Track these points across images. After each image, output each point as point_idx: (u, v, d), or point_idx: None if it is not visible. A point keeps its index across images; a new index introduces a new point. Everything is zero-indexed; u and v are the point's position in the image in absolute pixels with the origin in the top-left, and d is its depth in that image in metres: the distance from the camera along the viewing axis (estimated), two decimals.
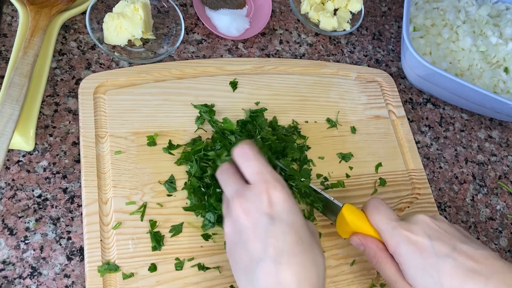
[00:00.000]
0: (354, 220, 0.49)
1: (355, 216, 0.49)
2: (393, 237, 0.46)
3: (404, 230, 0.45)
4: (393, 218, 0.47)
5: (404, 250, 0.45)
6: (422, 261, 0.44)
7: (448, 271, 0.43)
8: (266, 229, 0.40)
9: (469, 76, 0.75)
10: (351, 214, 0.50)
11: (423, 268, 0.44)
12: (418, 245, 0.44)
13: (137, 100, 0.57)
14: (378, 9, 0.84)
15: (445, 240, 0.45)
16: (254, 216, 0.41)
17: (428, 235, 0.45)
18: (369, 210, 0.48)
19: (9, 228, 0.48)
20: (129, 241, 0.49)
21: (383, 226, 0.47)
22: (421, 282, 0.44)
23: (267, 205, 0.41)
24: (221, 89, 0.61)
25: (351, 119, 0.66)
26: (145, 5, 0.60)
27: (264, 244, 0.39)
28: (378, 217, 0.47)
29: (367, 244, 0.48)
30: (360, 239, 0.49)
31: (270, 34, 0.72)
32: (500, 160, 0.75)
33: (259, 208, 0.41)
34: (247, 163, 0.44)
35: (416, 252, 0.44)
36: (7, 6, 0.60)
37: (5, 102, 0.49)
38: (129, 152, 0.54)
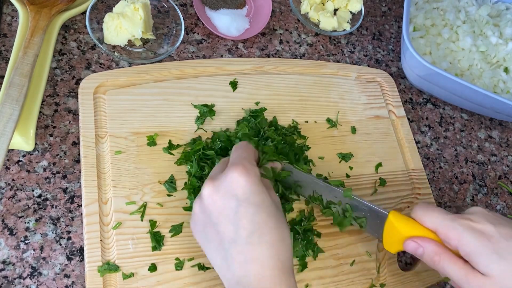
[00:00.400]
0: (405, 225, 0.47)
1: (405, 221, 0.47)
2: (455, 229, 0.44)
3: (465, 220, 0.44)
4: (448, 213, 0.46)
5: (470, 239, 0.43)
6: (492, 246, 0.42)
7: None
8: (235, 211, 0.42)
9: (469, 76, 0.75)
10: (399, 219, 0.47)
11: (496, 253, 0.42)
12: (483, 232, 0.43)
13: (137, 100, 0.57)
14: (378, 9, 0.84)
15: (508, 224, 0.44)
16: (221, 197, 0.42)
17: (490, 221, 0.44)
18: (420, 213, 0.47)
19: (9, 228, 0.48)
20: (129, 241, 0.49)
21: (441, 222, 0.45)
22: (497, 267, 0.42)
23: (236, 186, 0.42)
24: (221, 89, 0.61)
25: (351, 119, 0.66)
26: (145, 5, 0.60)
27: (234, 226, 0.41)
28: (433, 215, 0.46)
29: (426, 245, 0.45)
30: (417, 241, 0.46)
31: (270, 34, 0.72)
32: (500, 160, 0.75)
33: (227, 190, 0.42)
34: (235, 150, 0.47)
35: (483, 239, 0.43)
36: (7, 6, 0.60)
37: (5, 102, 0.49)
38: (129, 152, 0.54)
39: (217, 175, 0.44)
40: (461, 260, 0.44)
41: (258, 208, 0.42)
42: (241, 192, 0.42)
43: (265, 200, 0.43)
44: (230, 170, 0.43)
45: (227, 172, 0.43)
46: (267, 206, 0.42)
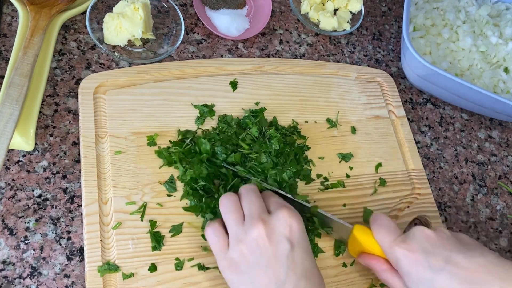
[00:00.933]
0: (365, 239, 0.51)
1: (366, 235, 0.51)
2: (392, 254, 0.48)
3: (401, 247, 0.47)
4: (392, 234, 0.49)
5: (403, 266, 0.47)
6: (418, 276, 0.46)
7: (443, 284, 0.44)
8: (287, 254, 0.44)
9: (469, 76, 0.75)
10: (361, 234, 0.51)
11: (420, 282, 0.45)
12: (414, 260, 0.46)
13: (137, 100, 0.57)
14: (378, 9, 0.84)
15: (441, 253, 0.46)
16: (276, 239, 0.44)
17: (424, 248, 0.46)
18: (373, 227, 0.50)
19: (9, 228, 0.48)
20: (129, 241, 0.49)
21: (384, 243, 0.49)
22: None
23: (289, 231, 0.45)
24: (221, 89, 0.61)
25: (351, 119, 0.66)
26: (145, 5, 0.60)
27: (285, 268, 0.43)
28: (380, 234, 0.49)
29: (372, 265, 0.51)
30: (365, 260, 0.51)
31: (270, 34, 0.72)
32: (500, 160, 0.75)
33: (281, 232, 0.44)
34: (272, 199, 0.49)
35: (413, 267, 0.46)
36: (7, 6, 0.60)
37: (5, 102, 0.49)
38: (129, 152, 0.54)
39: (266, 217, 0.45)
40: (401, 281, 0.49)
41: (306, 253, 0.45)
42: (293, 236, 0.45)
43: (309, 246, 0.46)
44: (280, 212, 0.45)
45: (277, 214, 0.45)
46: (310, 252, 0.46)
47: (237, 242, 0.45)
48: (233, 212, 0.47)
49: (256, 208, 0.46)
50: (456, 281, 0.44)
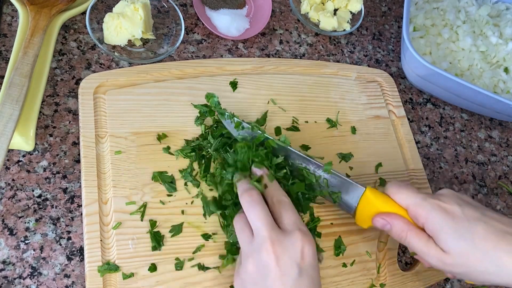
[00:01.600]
0: (380, 200, 0.49)
1: (380, 196, 0.49)
2: (423, 207, 0.47)
3: (434, 199, 0.47)
4: (420, 192, 0.48)
5: (436, 217, 0.46)
6: (455, 226, 0.45)
7: (481, 233, 0.44)
8: (294, 279, 0.42)
9: (469, 76, 0.75)
10: (375, 195, 0.49)
11: (457, 231, 0.45)
12: (449, 212, 0.46)
13: (137, 100, 0.57)
14: (378, 9, 0.84)
15: (474, 207, 0.47)
16: (285, 263, 0.42)
17: (457, 203, 0.47)
18: (394, 190, 0.49)
19: (9, 228, 0.48)
20: (129, 241, 0.49)
21: (412, 199, 0.48)
22: (455, 245, 0.45)
23: (300, 256, 0.43)
24: (221, 89, 0.61)
25: (351, 119, 0.66)
26: (145, 5, 0.60)
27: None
28: (406, 192, 0.48)
29: (394, 221, 0.48)
30: (385, 218, 0.49)
31: (270, 34, 0.72)
32: (500, 160, 0.75)
33: (292, 256, 0.43)
34: (285, 209, 0.46)
35: (448, 218, 0.45)
36: (7, 6, 0.60)
37: (5, 102, 0.49)
38: (129, 152, 0.54)
39: (277, 235, 0.43)
40: (425, 235, 0.47)
41: (313, 282, 0.43)
42: (304, 262, 0.43)
43: (318, 275, 0.44)
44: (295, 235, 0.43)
45: (291, 236, 0.43)
46: (318, 283, 0.44)
47: (246, 259, 0.44)
48: (243, 231, 0.46)
49: (263, 225, 0.44)
50: (493, 231, 0.44)
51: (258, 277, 0.43)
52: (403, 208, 0.49)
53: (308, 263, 0.43)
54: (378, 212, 0.49)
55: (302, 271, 0.43)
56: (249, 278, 0.44)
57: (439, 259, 0.46)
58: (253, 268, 0.43)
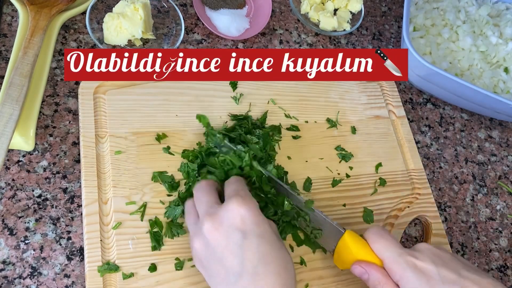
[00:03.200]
0: (357, 246, 0.48)
1: (358, 243, 0.48)
2: (399, 264, 0.45)
3: (410, 257, 0.45)
4: (397, 245, 0.47)
5: (411, 277, 0.44)
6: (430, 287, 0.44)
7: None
8: (240, 244, 0.42)
9: (469, 76, 0.75)
10: (353, 240, 0.48)
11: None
12: (424, 272, 0.44)
13: (137, 100, 0.57)
14: (378, 9, 0.84)
15: (451, 267, 0.45)
16: (226, 232, 0.43)
17: (434, 262, 0.45)
18: (372, 238, 0.48)
19: (9, 228, 0.48)
20: (129, 241, 0.49)
21: (388, 253, 0.46)
22: None
23: (239, 221, 0.43)
24: (221, 89, 0.61)
25: (351, 119, 0.66)
26: (145, 5, 0.60)
27: (240, 258, 0.42)
28: (383, 243, 0.47)
29: (371, 271, 0.47)
30: (364, 267, 0.47)
31: (270, 34, 0.72)
32: (500, 160, 0.75)
33: (230, 223, 0.43)
34: (229, 184, 0.48)
35: (422, 279, 0.44)
36: (7, 6, 0.60)
37: (5, 102, 0.49)
38: (129, 152, 0.54)
39: (214, 210, 0.44)
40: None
41: (262, 239, 0.43)
42: (244, 224, 0.43)
43: (267, 230, 0.44)
44: (229, 203, 0.44)
45: (227, 205, 0.44)
46: (269, 236, 0.43)
47: (193, 238, 0.45)
48: (189, 214, 0.48)
49: (203, 205, 0.46)
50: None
51: (207, 253, 0.44)
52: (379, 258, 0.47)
53: (250, 222, 0.43)
54: (354, 258, 0.48)
55: (246, 233, 0.43)
56: (201, 255, 0.44)
57: None
58: (200, 246, 0.44)
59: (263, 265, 0.42)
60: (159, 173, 0.53)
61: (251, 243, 0.42)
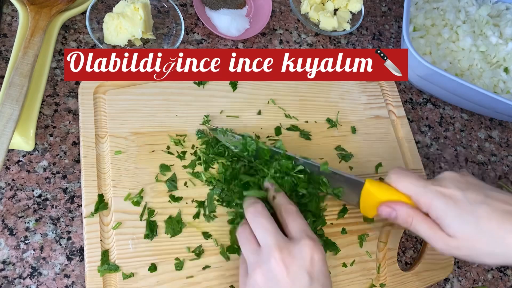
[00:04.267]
0: (380, 190, 0.49)
1: (380, 187, 0.50)
2: (426, 195, 0.47)
3: (435, 186, 0.47)
4: (420, 179, 0.48)
5: (439, 204, 0.46)
6: (458, 211, 0.45)
7: (485, 215, 0.44)
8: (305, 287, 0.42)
9: (469, 76, 0.75)
10: (375, 186, 0.50)
11: (460, 216, 0.45)
12: (451, 197, 0.46)
13: (137, 100, 0.57)
14: (378, 9, 0.84)
15: (476, 190, 0.46)
16: (295, 271, 0.42)
17: (459, 187, 0.46)
18: (395, 178, 0.49)
19: (9, 228, 0.48)
20: (129, 241, 0.49)
21: (413, 188, 0.48)
22: (460, 229, 0.45)
23: (310, 264, 0.42)
24: (221, 89, 0.61)
25: (351, 119, 0.66)
26: (145, 5, 0.60)
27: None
28: (407, 180, 0.48)
29: (399, 208, 0.48)
30: (390, 206, 0.49)
31: (270, 34, 0.72)
32: (500, 160, 0.75)
33: (301, 264, 0.42)
34: (292, 217, 0.46)
35: (450, 204, 0.45)
36: (7, 6, 0.60)
37: (5, 102, 0.49)
38: (129, 152, 0.54)
39: (284, 244, 0.43)
40: (430, 221, 0.47)
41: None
42: (314, 270, 0.42)
43: (329, 282, 0.44)
44: (303, 243, 0.43)
45: (300, 244, 0.43)
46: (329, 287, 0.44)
47: (254, 270, 0.43)
48: (247, 243, 0.46)
49: (269, 235, 0.44)
50: (497, 212, 0.44)
51: (267, 285, 0.42)
52: (405, 195, 0.49)
53: (318, 270, 0.43)
54: (379, 203, 0.50)
55: (313, 279, 0.42)
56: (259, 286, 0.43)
57: (445, 243, 0.46)
58: (262, 279, 0.42)
59: None
60: (164, 165, 0.53)
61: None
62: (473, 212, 0.45)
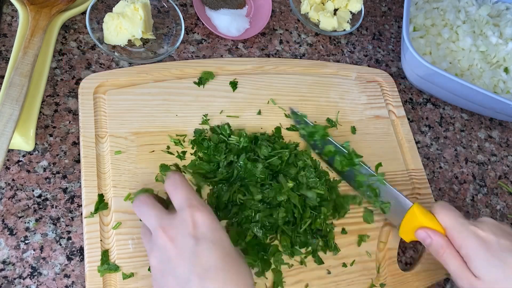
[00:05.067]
0: (425, 216, 0.52)
1: (426, 213, 0.52)
2: (461, 232, 0.49)
3: (472, 226, 0.49)
4: (461, 216, 0.51)
5: (472, 243, 0.48)
6: (488, 254, 0.48)
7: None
8: (192, 250, 0.40)
9: (469, 76, 0.75)
10: (421, 210, 0.52)
11: (489, 260, 0.47)
12: (485, 240, 0.48)
13: (137, 100, 0.57)
14: (378, 9, 0.84)
15: (510, 238, 0.49)
16: (180, 241, 0.41)
17: (494, 232, 0.49)
18: (438, 209, 0.52)
19: (9, 228, 0.48)
20: (129, 241, 0.49)
21: (452, 222, 0.50)
22: (487, 272, 0.47)
23: (192, 227, 0.41)
24: (221, 89, 0.61)
25: (351, 119, 0.66)
26: (145, 5, 0.60)
27: (190, 264, 0.40)
28: (447, 214, 0.51)
29: (435, 237, 0.51)
30: (428, 232, 0.51)
31: (270, 34, 0.72)
32: (500, 160, 0.75)
33: (184, 232, 0.41)
34: (176, 191, 0.44)
35: (483, 246, 0.48)
36: (7, 6, 0.60)
37: (5, 102, 0.49)
38: (129, 152, 0.54)
39: (166, 221, 0.42)
40: (460, 258, 0.50)
41: (215, 244, 0.41)
42: (197, 230, 0.41)
43: (222, 237, 0.42)
44: (182, 212, 0.42)
45: (180, 214, 0.42)
46: (224, 244, 0.42)
47: (149, 257, 0.43)
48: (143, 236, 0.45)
49: (152, 219, 0.43)
50: None
51: (163, 266, 0.41)
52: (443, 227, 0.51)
53: (204, 229, 0.41)
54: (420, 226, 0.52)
55: (198, 239, 0.41)
56: (157, 272, 0.42)
57: (470, 283, 0.48)
58: (156, 261, 0.42)
59: (215, 270, 0.40)
60: (163, 165, 0.53)
61: (204, 249, 0.40)
62: (502, 258, 0.47)
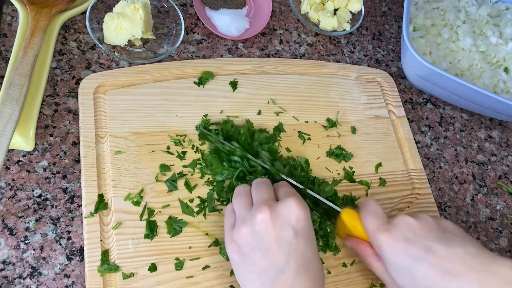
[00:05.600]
0: (351, 224, 0.51)
1: (353, 219, 0.52)
2: (376, 241, 0.49)
3: (385, 234, 0.48)
4: (379, 219, 0.49)
5: (385, 253, 0.48)
6: (399, 263, 0.47)
7: (422, 273, 0.45)
8: (290, 242, 0.44)
9: (469, 76, 0.75)
10: (349, 218, 0.52)
11: (401, 269, 0.47)
12: (396, 248, 0.47)
13: (137, 100, 0.57)
14: (378, 9, 0.84)
15: (422, 242, 0.46)
16: (280, 226, 0.44)
17: (406, 237, 0.47)
18: (362, 213, 0.51)
19: (9, 228, 0.48)
20: (129, 241, 0.49)
21: (369, 229, 0.49)
22: (401, 282, 0.47)
23: (295, 221, 0.45)
24: (221, 89, 0.61)
25: (351, 119, 0.66)
26: (145, 5, 0.60)
27: (287, 255, 0.43)
28: (366, 219, 0.50)
29: (357, 248, 0.52)
30: (351, 244, 0.53)
31: (270, 34, 0.72)
32: (500, 160, 0.75)
33: (287, 220, 0.45)
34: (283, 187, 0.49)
35: (394, 255, 0.47)
36: (7, 6, 0.60)
37: (5, 102, 0.49)
38: (129, 152, 0.54)
39: (273, 203, 0.46)
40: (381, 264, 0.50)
41: (309, 243, 0.45)
42: (299, 225, 0.45)
43: (313, 238, 0.46)
44: (289, 200, 0.45)
45: (286, 202, 0.45)
46: (314, 242, 0.46)
47: (242, 223, 0.45)
48: (242, 198, 0.48)
49: (264, 195, 0.47)
50: (435, 271, 0.44)
51: (253, 240, 0.44)
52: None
53: (302, 225, 0.45)
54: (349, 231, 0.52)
55: (297, 233, 0.44)
56: (245, 241, 0.45)
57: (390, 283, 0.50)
58: (248, 232, 0.45)
59: (305, 269, 0.43)
60: (163, 165, 0.53)
61: (299, 244, 0.44)
62: (411, 268, 0.45)
